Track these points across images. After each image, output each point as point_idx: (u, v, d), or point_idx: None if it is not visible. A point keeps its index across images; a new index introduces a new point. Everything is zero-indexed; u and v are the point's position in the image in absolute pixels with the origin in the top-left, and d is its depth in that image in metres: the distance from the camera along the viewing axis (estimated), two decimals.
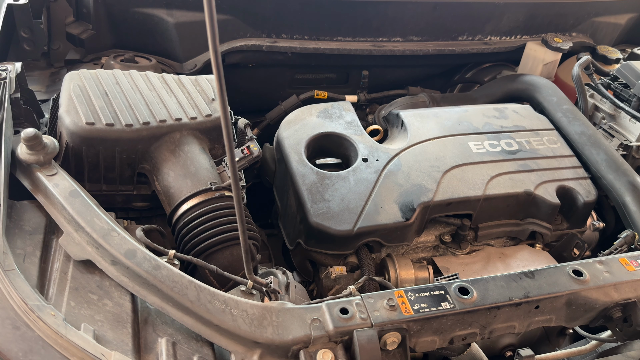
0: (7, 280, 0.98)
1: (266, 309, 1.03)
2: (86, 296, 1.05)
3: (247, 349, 1.00)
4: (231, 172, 0.88)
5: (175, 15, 1.97)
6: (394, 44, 2.20)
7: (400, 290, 1.11)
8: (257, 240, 1.42)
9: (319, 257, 1.54)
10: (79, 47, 1.97)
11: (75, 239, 1.12)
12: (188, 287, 1.03)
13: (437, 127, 1.77)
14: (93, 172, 1.40)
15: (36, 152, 1.22)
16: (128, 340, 0.99)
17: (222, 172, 1.47)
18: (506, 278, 1.18)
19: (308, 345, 1.01)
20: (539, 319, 1.20)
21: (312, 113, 1.78)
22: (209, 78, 1.62)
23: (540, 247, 1.71)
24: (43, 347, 0.91)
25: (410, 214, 1.51)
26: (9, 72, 1.40)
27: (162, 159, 1.41)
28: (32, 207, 1.21)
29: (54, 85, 1.82)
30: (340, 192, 1.53)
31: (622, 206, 1.67)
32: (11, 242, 1.09)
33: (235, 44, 2.01)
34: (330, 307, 1.05)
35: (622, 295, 1.21)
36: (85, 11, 1.96)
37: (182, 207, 1.37)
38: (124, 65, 1.89)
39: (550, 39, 2.20)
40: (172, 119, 1.43)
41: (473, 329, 1.14)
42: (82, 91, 1.42)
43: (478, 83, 2.37)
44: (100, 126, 1.35)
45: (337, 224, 1.46)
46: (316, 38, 2.12)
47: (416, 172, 1.61)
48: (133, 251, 1.08)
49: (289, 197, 1.63)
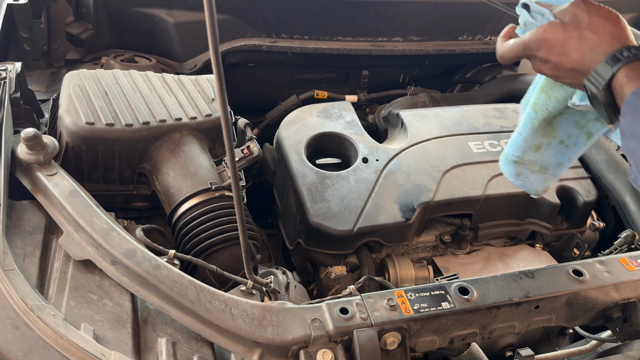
0: (7, 280, 0.98)
1: (266, 308, 1.03)
2: (86, 296, 1.05)
3: (247, 348, 1.00)
4: (231, 172, 0.88)
5: (175, 15, 1.97)
6: (394, 44, 2.20)
7: (400, 290, 1.11)
8: (257, 240, 1.42)
9: (319, 257, 1.54)
10: (79, 47, 1.97)
11: (75, 238, 1.12)
12: (188, 287, 1.03)
13: (437, 127, 1.77)
14: (93, 172, 1.40)
15: (36, 152, 1.22)
16: (128, 340, 0.99)
17: (222, 172, 1.47)
18: (506, 278, 1.17)
19: (308, 345, 1.01)
20: (539, 319, 1.20)
21: (312, 113, 1.78)
22: (209, 78, 1.62)
23: (540, 247, 1.71)
24: (43, 347, 0.91)
25: (410, 214, 1.51)
26: (9, 72, 1.40)
27: (162, 158, 1.41)
28: (32, 207, 1.21)
29: (54, 85, 1.82)
30: (340, 192, 1.53)
31: (622, 206, 1.67)
32: (11, 242, 1.09)
33: (235, 44, 2.01)
34: (330, 307, 1.05)
35: (622, 295, 1.21)
36: (85, 11, 1.96)
37: (182, 207, 1.37)
38: (124, 65, 1.89)
39: None
40: (172, 119, 1.43)
41: (473, 328, 1.14)
42: (82, 91, 1.42)
43: (478, 83, 2.37)
44: (100, 126, 1.35)
45: (337, 224, 1.46)
46: (316, 38, 2.12)
47: (416, 172, 1.61)
48: (133, 251, 1.08)
49: (289, 197, 1.63)
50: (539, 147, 1.16)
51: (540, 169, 1.20)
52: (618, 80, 0.83)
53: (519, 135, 1.16)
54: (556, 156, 1.18)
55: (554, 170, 1.21)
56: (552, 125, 1.13)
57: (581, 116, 1.12)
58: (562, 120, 1.12)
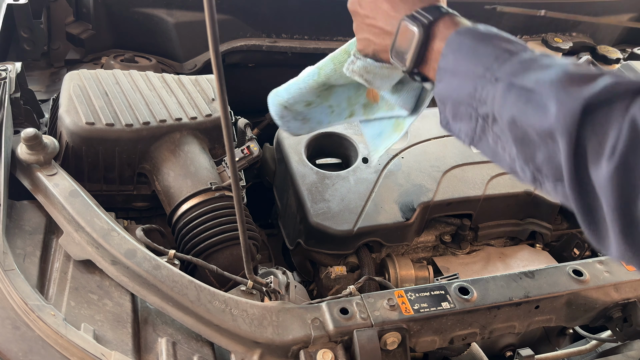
0: (7, 280, 0.98)
1: (266, 308, 1.04)
2: (86, 296, 1.05)
3: (247, 348, 1.00)
4: (231, 172, 0.88)
5: (175, 15, 1.97)
6: None
7: (400, 290, 1.11)
8: (257, 240, 1.42)
9: (319, 257, 1.54)
10: (79, 47, 1.96)
11: (75, 238, 1.12)
12: (188, 287, 1.03)
13: (437, 127, 1.76)
14: (93, 172, 1.40)
15: (36, 152, 1.22)
16: (128, 340, 0.99)
17: (222, 172, 1.47)
18: (506, 278, 1.18)
19: (308, 345, 1.01)
20: (539, 319, 1.20)
21: None
22: (209, 78, 1.62)
23: (540, 247, 1.71)
24: (43, 347, 0.91)
25: (410, 214, 1.51)
26: (9, 72, 1.40)
27: (162, 158, 1.41)
28: (32, 207, 1.21)
29: (54, 85, 1.82)
30: (340, 192, 1.53)
31: None
32: (11, 242, 1.09)
33: (235, 44, 2.01)
34: (330, 307, 1.05)
35: (622, 295, 1.21)
36: (85, 11, 1.96)
37: (182, 207, 1.36)
38: (124, 65, 1.89)
39: (550, 39, 2.20)
40: (172, 119, 1.43)
41: (473, 328, 1.14)
42: (82, 91, 1.42)
43: None
44: (100, 126, 1.35)
45: (337, 224, 1.46)
46: (316, 38, 2.12)
47: (416, 172, 1.61)
48: (133, 251, 1.08)
49: (289, 197, 1.63)
50: (310, 103, 1.25)
51: (303, 119, 1.29)
52: (439, 27, 0.82)
53: (296, 86, 1.25)
54: (320, 115, 1.29)
55: (312, 124, 1.31)
56: (328, 90, 1.23)
57: (354, 93, 1.25)
58: (339, 90, 1.24)
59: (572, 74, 0.62)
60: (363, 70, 1.08)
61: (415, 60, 0.85)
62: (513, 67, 0.69)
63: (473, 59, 0.74)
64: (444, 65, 0.79)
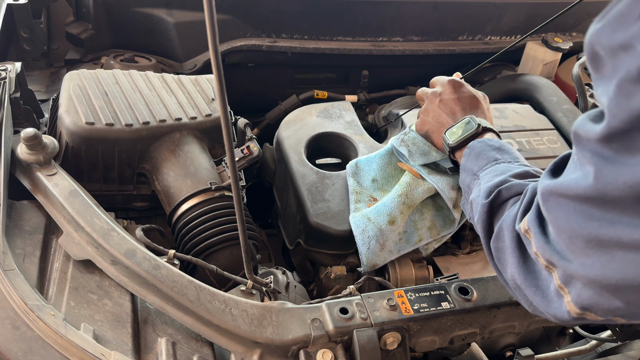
0: (7, 280, 0.98)
1: (266, 308, 1.03)
2: (86, 296, 1.05)
3: (247, 348, 1.00)
4: (231, 172, 0.88)
5: (175, 15, 1.97)
6: (394, 44, 2.20)
7: (400, 290, 1.11)
8: (257, 240, 1.42)
9: (319, 257, 1.54)
10: (79, 47, 1.96)
11: (75, 238, 1.12)
12: (188, 287, 1.03)
13: None
14: (93, 172, 1.40)
15: (36, 152, 1.22)
16: (128, 340, 0.99)
17: (222, 172, 1.47)
18: None
19: (308, 345, 1.01)
20: (539, 319, 1.20)
21: (312, 113, 1.78)
22: (209, 78, 1.62)
23: None
24: (43, 347, 0.91)
25: None
26: (9, 72, 1.40)
27: (162, 158, 1.41)
28: (32, 207, 1.21)
29: (53, 85, 1.82)
30: (340, 192, 1.53)
31: None
32: (11, 242, 1.09)
33: (235, 44, 2.01)
34: (330, 307, 1.05)
35: None
36: (85, 11, 1.96)
37: (182, 207, 1.37)
38: (123, 65, 1.89)
39: (550, 38, 2.20)
40: (172, 119, 1.43)
41: (473, 328, 1.14)
42: (82, 91, 1.42)
43: (478, 83, 2.37)
44: (100, 126, 1.35)
45: (337, 224, 1.46)
46: (316, 38, 2.12)
47: None
48: (133, 251, 1.08)
49: (289, 197, 1.63)
50: (394, 221, 1.39)
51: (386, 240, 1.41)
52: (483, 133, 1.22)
53: (384, 205, 1.40)
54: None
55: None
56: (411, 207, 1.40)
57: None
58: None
59: (486, 192, 0.98)
60: (411, 142, 1.38)
61: (459, 143, 1.21)
62: (487, 175, 1.04)
63: (475, 162, 1.11)
64: (463, 163, 1.16)
